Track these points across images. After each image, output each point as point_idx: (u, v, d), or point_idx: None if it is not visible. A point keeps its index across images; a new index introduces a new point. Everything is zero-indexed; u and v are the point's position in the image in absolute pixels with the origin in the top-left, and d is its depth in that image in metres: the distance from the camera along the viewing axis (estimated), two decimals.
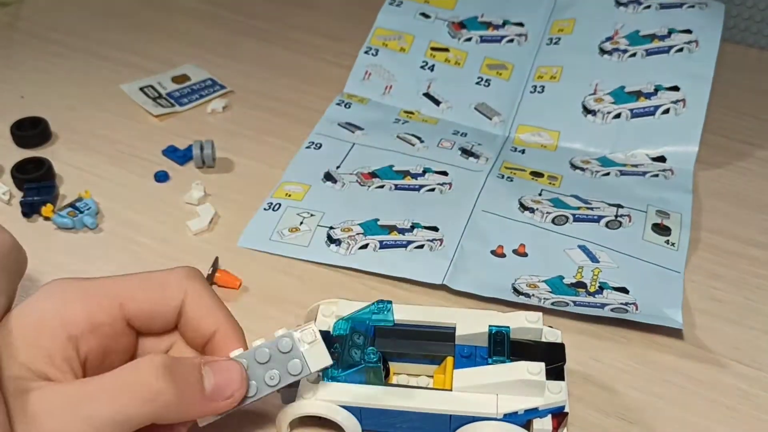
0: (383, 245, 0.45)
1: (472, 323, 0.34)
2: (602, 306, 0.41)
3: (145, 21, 0.69)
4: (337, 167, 0.51)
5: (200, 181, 0.50)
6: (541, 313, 0.34)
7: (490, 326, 0.34)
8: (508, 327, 0.34)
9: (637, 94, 0.55)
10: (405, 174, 0.50)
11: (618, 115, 0.54)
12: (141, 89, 0.60)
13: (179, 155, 0.53)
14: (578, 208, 0.48)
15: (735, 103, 0.59)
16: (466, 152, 0.53)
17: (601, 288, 0.42)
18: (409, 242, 0.45)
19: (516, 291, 0.42)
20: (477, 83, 0.58)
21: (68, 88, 0.60)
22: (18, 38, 0.67)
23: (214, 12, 0.71)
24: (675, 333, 0.41)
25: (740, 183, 0.52)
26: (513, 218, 0.47)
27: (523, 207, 0.48)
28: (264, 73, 0.63)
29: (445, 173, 0.51)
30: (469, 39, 0.60)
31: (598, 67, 0.56)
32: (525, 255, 0.45)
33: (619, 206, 0.48)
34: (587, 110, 0.55)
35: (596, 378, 0.38)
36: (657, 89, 0.54)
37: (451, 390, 0.32)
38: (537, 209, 0.47)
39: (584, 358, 0.39)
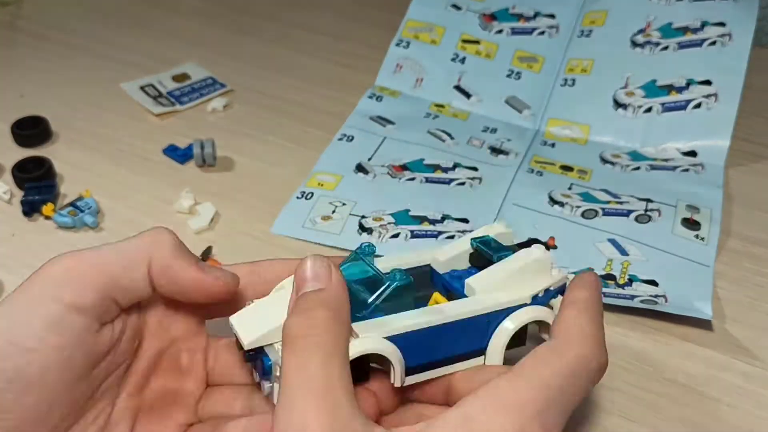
0: (414, 235, 0.46)
1: (449, 249, 0.34)
2: (632, 297, 0.42)
3: (146, 20, 0.70)
4: (369, 159, 0.52)
5: (189, 188, 0.49)
6: (504, 222, 0.35)
7: (471, 240, 0.34)
8: (490, 236, 0.34)
9: (669, 88, 0.55)
10: (435, 168, 0.51)
11: (649, 109, 0.54)
12: (141, 88, 0.60)
13: (180, 154, 0.53)
14: (608, 202, 0.48)
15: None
16: (496, 150, 0.53)
17: (631, 280, 0.43)
18: (440, 233, 0.46)
19: None
20: (508, 76, 0.59)
21: (69, 87, 0.60)
22: (18, 37, 0.67)
23: (215, 10, 0.72)
24: (675, 332, 0.41)
25: (741, 181, 0.52)
26: (543, 212, 0.47)
27: (553, 201, 0.48)
28: (264, 72, 0.63)
29: (475, 168, 0.51)
30: (500, 31, 0.61)
31: (630, 60, 0.56)
32: (554, 248, 0.45)
33: (648, 201, 0.48)
34: (618, 104, 0.55)
35: None
36: (689, 83, 0.54)
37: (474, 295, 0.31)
38: (566, 203, 0.48)
39: None
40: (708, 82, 0.54)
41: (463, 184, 0.50)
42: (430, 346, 0.30)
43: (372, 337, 0.28)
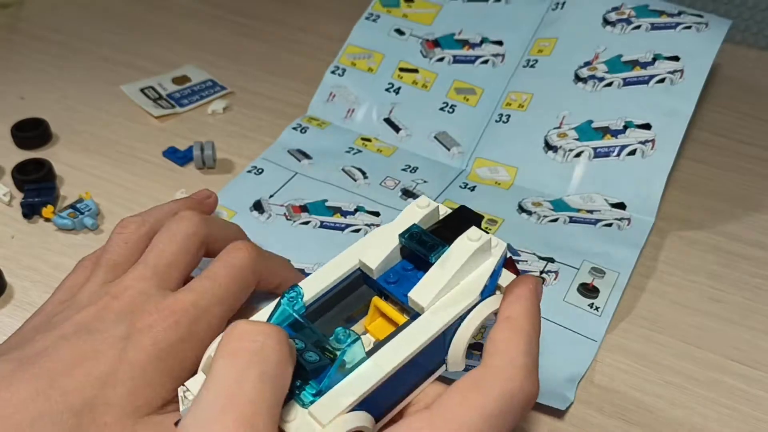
0: None
1: (376, 252, 0.30)
2: None
3: (146, 22, 0.70)
4: (270, 196, 0.50)
5: (184, 189, 0.50)
6: (426, 197, 0.32)
7: (399, 236, 0.30)
8: (416, 224, 0.31)
9: (604, 131, 0.50)
10: (336, 210, 0.49)
11: (579, 154, 0.50)
12: (141, 90, 0.60)
13: (179, 156, 0.53)
14: None
15: (735, 103, 0.57)
16: (407, 193, 0.50)
17: None
18: None
19: None
20: (441, 109, 0.55)
21: (69, 89, 0.61)
22: (18, 40, 0.68)
23: (215, 13, 0.72)
24: (675, 334, 0.41)
25: (741, 183, 0.51)
26: None
27: None
28: (264, 74, 0.63)
29: (377, 214, 0.48)
30: (441, 59, 0.57)
31: (569, 97, 0.52)
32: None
33: (550, 260, 0.44)
34: (549, 146, 0.51)
35: (596, 378, 0.38)
36: (627, 126, 0.49)
37: (423, 311, 0.28)
38: None
39: None
40: (647, 126, 0.49)
41: (358, 231, 0.47)
42: (393, 386, 0.27)
43: (342, 421, 0.25)
